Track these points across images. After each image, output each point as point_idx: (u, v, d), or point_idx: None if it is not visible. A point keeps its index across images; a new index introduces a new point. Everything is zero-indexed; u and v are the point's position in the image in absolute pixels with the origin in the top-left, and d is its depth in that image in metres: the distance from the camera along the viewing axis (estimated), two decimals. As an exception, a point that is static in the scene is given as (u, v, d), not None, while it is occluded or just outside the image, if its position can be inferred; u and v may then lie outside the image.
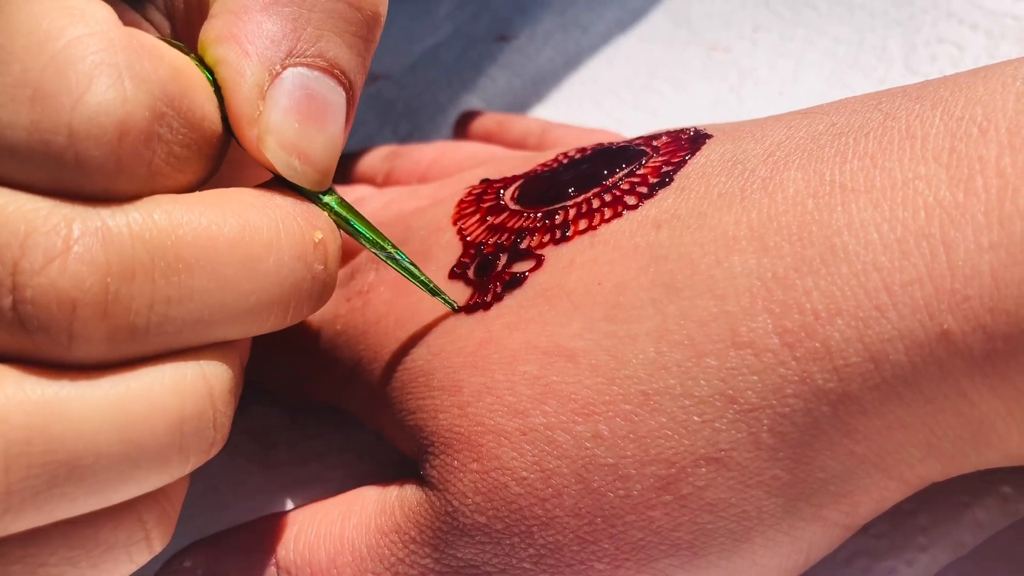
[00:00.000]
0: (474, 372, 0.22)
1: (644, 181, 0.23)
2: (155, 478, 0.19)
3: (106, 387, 0.18)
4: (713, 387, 0.19)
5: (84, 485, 0.18)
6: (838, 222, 0.19)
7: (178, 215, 0.18)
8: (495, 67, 0.44)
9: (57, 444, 0.17)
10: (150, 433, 0.18)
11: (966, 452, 0.18)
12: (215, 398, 0.20)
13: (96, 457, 0.18)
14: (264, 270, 0.19)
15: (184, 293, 0.18)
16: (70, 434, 0.17)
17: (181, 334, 0.19)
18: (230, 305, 0.19)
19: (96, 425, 0.18)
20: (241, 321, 0.20)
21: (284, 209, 0.20)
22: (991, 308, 0.17)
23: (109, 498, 0.18)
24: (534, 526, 0.20)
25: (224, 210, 0.19)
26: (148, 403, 0.18)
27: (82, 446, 0.17)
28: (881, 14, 0.38)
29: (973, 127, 0.18)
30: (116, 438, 0.18)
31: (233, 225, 0.19)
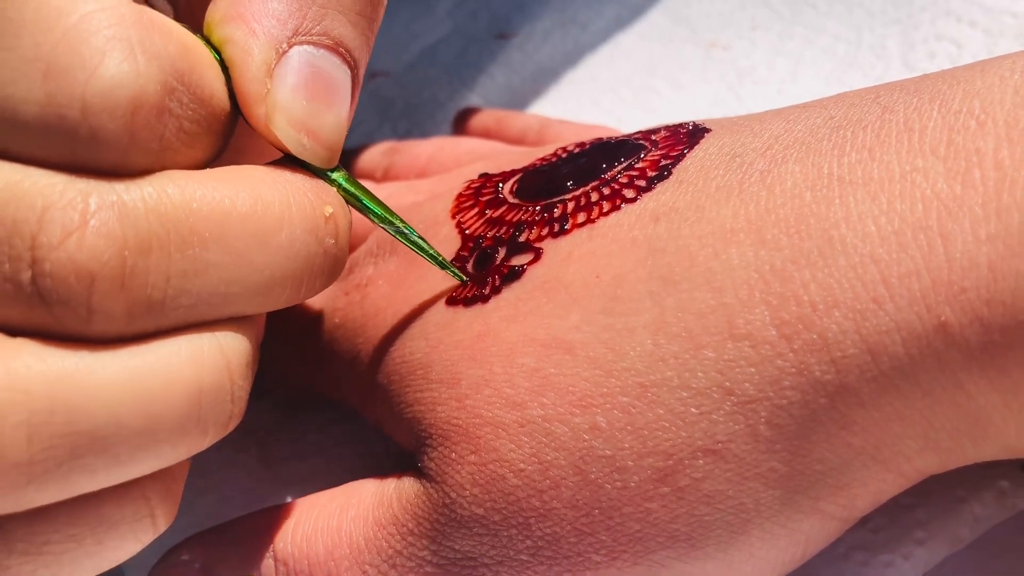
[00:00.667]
0: (472, 365, 0.22)
1: (642, 175, 0.23)
2: (174, 451, 0.19)
3: (125, 359, 0.18)
4: (711, 379, 0.19)
5: (104, 456, 0.18)
6: (836, 215, 0.19)
7: (191, 190, 0.19)
8: (494, 65, 0.44)
9: (79, 415, 0.17)
10: (169, 404, 0.19)
11: (963, 444, 0.19)
12: (232, 371, 0.20)
13: (117, 428, 0.18)
14: (277, 244, 0.20)
15: (199, 267, 0.19)
16: (91, 405, 0.18)
17: (197, 307, 0.19)
18: (244, 279, 0.20)
19: (116, 396, 0.18)
20: (256, 295, 0.20)
21: (294, 185, 0.21)
22: (988, 300, 0.17)
23: (129, 471, 0.19)
24: (531, 518, 0.20)
25: (236, 185, 0.20)
26: (166, 375, 0.19)
27: (103, 417, 0.18)
28: (880, 12, 0.38)
29: (971, 120, 0.18)
30: (136, 409, 0.18)
31: (245, 199, 0.19)
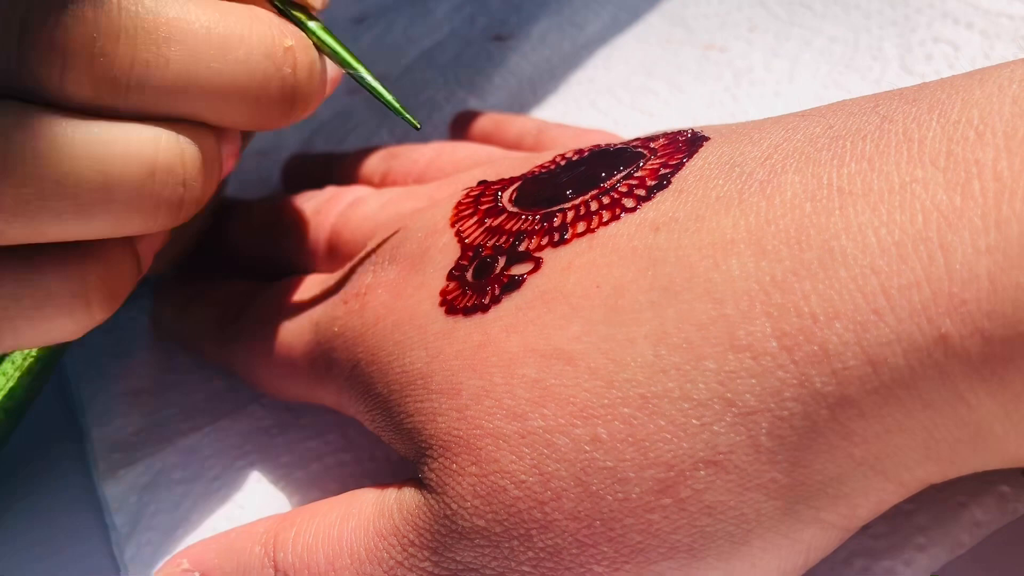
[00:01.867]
0: (472, 375, 0.22)
1: (642, 184, 0.23)
2: (128, 218, 0.23)
3: (91, 127, 0.22)
4: (712, 390, 0.19)
5: (66, 202, 0.22)
6: (836, 226, 0.19)
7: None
8: (491, 67, 0.44)
9: (47, 163, 0.21)
10: (125, 170, 0.22)
11: (964, 455, 0.19)
12: (186, 163, 0.23)
13: (77, 180, 0.22)
14: (234, 58, 0.23)
15: (161, 61, 0.22)
16: (58, 156, 0.21)
17: (157, 98, 0.23)
18: (202, 81, 0.23)
19: (80, 152, 0.22)
20: (212, 100, 0.23)
21: (259, 17, 0.24)
22: (988, 312, 0.17)
23: (88, 226, 0.22)
24: (533, 529, 0.20)
25: (204, 4, 0.23)
26: (125, 146, 0.22)
27: (66, 168, 0.21)
28: (877, 14, 0.38)
29: (970, 131, 0.18)
30: (95, 167, 0.22)
31: (210, 15, 0.23)
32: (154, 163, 0.23)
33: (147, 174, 0.23)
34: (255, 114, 0.24)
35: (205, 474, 0.31)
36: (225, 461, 0.31)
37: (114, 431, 0.33)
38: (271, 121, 0.25)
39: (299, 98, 0.25)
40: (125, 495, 0.31)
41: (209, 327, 0.32)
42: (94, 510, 0.31)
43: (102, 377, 0.34)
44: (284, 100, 0.25)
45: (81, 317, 0.24)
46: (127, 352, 0.35)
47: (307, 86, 0.25)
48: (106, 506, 0.31)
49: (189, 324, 0.33)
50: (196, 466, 0.31)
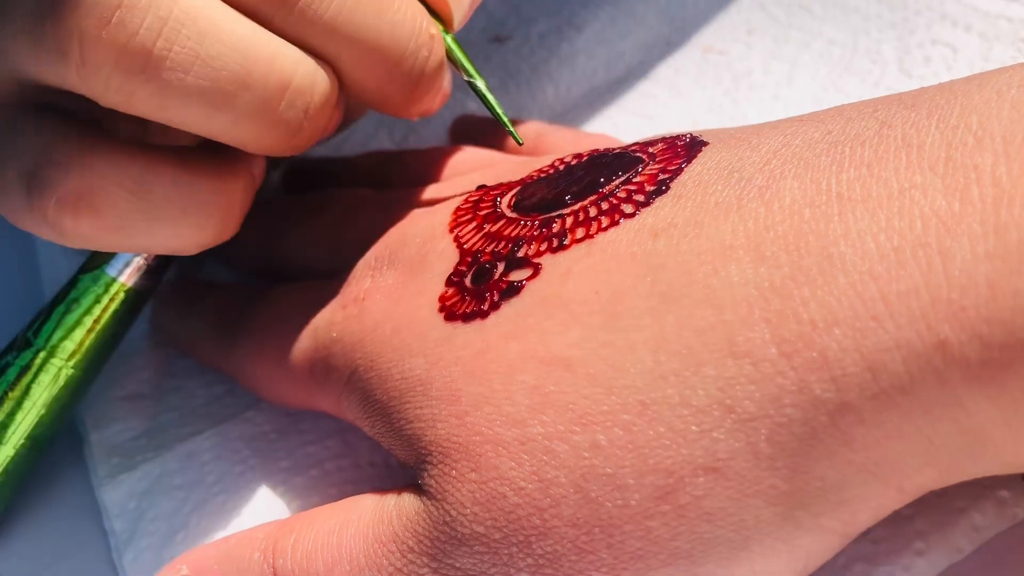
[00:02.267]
0: (472, 381, 0.22)
1: (641, 189, 0.23)
2: (246, 124, 0.24)
3: (250, 25, 0.24)
4: (711, 396, 0.19)
5: (201, 82, 0.23)
6: (835, 232, 0.19)
7: None
8: (489, 68, 0.44)
9: (199, 37, 0.22)
10: (264, 74, 0.23)
11: (963, 461, 0.19)
12: (315, 93, 0.25)
13: (221, 65, 0.23)
14: (389, 19, 0.25)
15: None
16: (212, 36, 0.23)
17: (314, 28, 0.24)
18: (355, 26, 0.25)
19: (234, 42, 0.23)
20: (355, 49, 0.25)
21: (418, 4, 0.26)
22: (987, 318, 0.17)
23: (207, 116, 0.23)
24: (532, 536, 0.20)
25: None
26: (272, 53, 0.24)
27: (216, 50, 0.23)
28: (875, 16, 0.38)
29: (969, 136, 0.18)
30: (241, 61, 0.23)
31: None
32: (290, 81, 0.24)
33: (280, 87, 0.24)
34: (382, 80, 0.26)
35: (204, 479, 0.31)
36: (224, 467, 0.31)
37: (113, 436, 0.33)
38: (393, 95, 0.27)
39: (423, 84, 0.27)
40: (124, 500, 0.31)
41: (208, 332, 0.32)
42: (93, 515, 0.31)
43: (101, 381, 0.34)
44: (411, 80, 0.27)
45: (215, 230, 0.26)
46: (126, 355, 0.35)
47: (432, 77, 0.27)
48: (105, 511, 0.31)
49: (188, 329, 0.33)
50: (195, 471, 0.31)
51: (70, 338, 0.29)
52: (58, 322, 0.29)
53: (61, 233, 0.24)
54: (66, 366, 0.29)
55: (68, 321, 0.29)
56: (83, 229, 0.24)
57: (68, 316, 0.29)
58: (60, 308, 0.29)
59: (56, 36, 0.22)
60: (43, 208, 0.24)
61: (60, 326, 0.29)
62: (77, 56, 0.22)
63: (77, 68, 0.22)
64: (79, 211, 0.24)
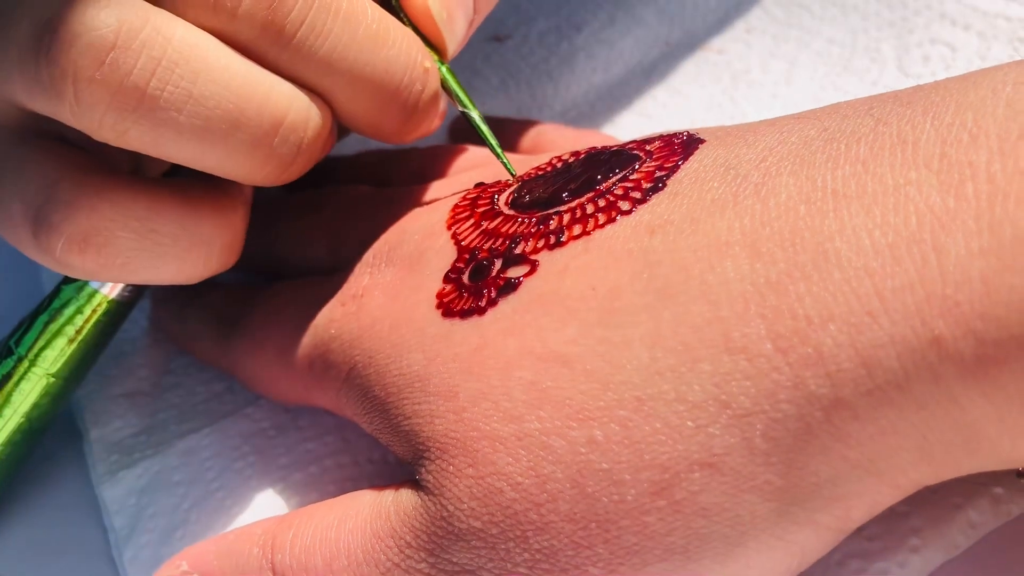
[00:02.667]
0: (469, 377, 0.22)
1: (638, 186, 0.23)
2: (244, 156, 0.24)
3: (244, 63, 0.24)
4: (707, 392, 0.19)
5: (195, 120, 0.23)
6: (830, 228, 0.19)
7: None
8: (489, 67, 0.44)
9: (192, 77, 0.23)
10: (258, 112, 0.24)
11: (958, 457, 0.19)
12: (308, 128, 0.25)
13: (214, 104, 0.23)
14: (383, 55, 0.26)
15: (326, 31, 0.24)
16: (205, 75, 0.23)
17: (309, 63, 0.25)
18: (350, 62, 0.25)
19: (226, 80, 0.23)
20: (350, 84, 0.25)
21: (410, 33, 0.27)
22: (982, 313, 0.17)
23: (201, 152, 0.24)
24: (529, 531, 0.21)
25: (374, 6, 0.26)
26: (267, 91, 0.24)
27: (208, 90, 0.23)
28: (874, 15, 0.38)
29: (963, 133, 0.18)
30: (234, 99, 0.23)
31: (377, 13, 0.26)
32: (284, 118, 0.24)
33: (274, 125, 0.24)
34: (377, 115, 0.27)
35: (204, 476, 0.31)
36: (223, 463, 0.31)
37: (112, 433, 0.33)
38: (386, 127, 0.27)
39: (416, 116, 0.27)
40: (124, 497, 0.31)
41: (207, 329, 0.32)
42: (93, 512, 0.31)
43: (100, 378, 0.34)
44: (405, 111, 0.27)
45: (219, 262, 0.26)
46: (125, 354, 0.35)
47: (426, 110, 0.28)
48: (105, 508, 0.31)
49: (187, 326, 0.34)
50: (195, 468, 0.31)
51: (51, 347, 0.29)
52: (40, 331, 0.29)
53: (68, 269, 0.25)
54: (47, 375, 0.29)
55: (50, 331, 0.29)
56: (89, 266, 0.24)
57: (50, 326, 0.29)
58: (43, 317, 0.29)
59: (51, 75, 0.22)
60: (50, 247, 0.24)
61: (42, 335, 0.29)
62: (71, 96, 0.22)
63: (71, 107, 0.22)
64: (85, 251, 0.24)
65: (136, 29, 0.22)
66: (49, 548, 0.31)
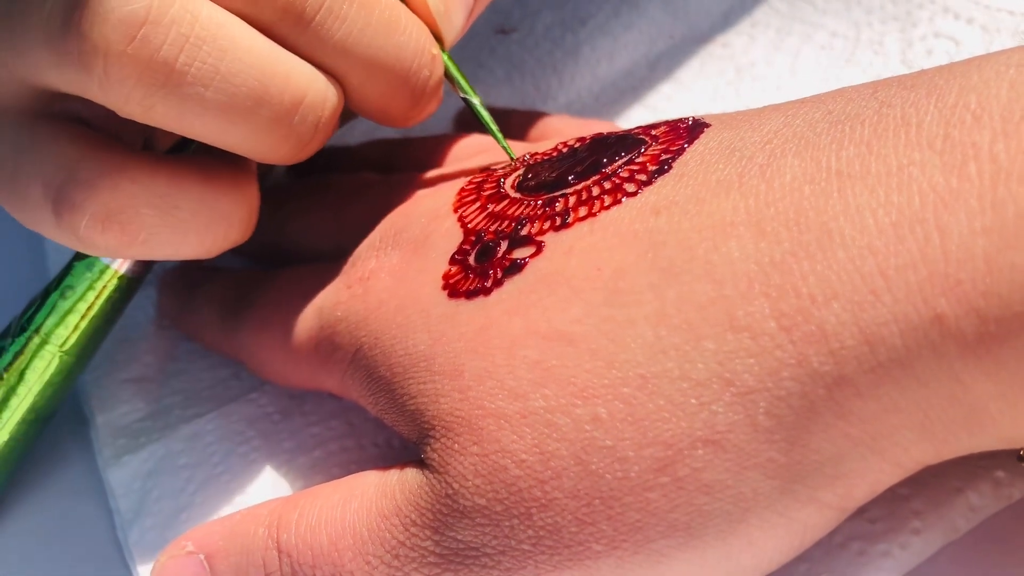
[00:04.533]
0: (475, 356, 0.22)
1: (643, 169, 0.23)
2: (266, 134, 0.25)
3: (268, 43, 0.25)
4: (711, 370, 0.19)
5: (220, 97, 0.23)
6: (834, 207, 0.19)
7: None
8: (495, 60, 0.44)
9: (220, 55, 0.23)
10: (280, 90, 0.24)
11: (959, 435, 0.19)
12: (326, 107, 0.26)
13: (241, 81, 0.24)
14: (395, 40, 0.26)
15: (343, 15, 0.25)
16: (232, 54, 0.23)
17: (326, 46, 0.25)
18: (364, 46, 0.26)
19: (252, 59, 0.24)
20: (363, 67, 0.26)
21: (420, 23, 0.28)
22: (984, 292, 0.17)
23: (225, 129, 0.24)
24: (533, 508, 0.21)
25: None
26: (288, 70, 0.25)
27: (235, 67, 0.24)
28: (878, 9, 0.38)
29: (967, 114, 0.18)
30: (259, 77, 0.24)
31: (390, 2, 0.26)
32: (304, 96, 0.25)
33: (295, 103, 0.25)
34: (387, 98, 0.27)
35: (209, 460, 0.31)
36: (228, 447, 0.31)
37: (118, 417, 0.33)
38: (394, 110, 0.28)
39: (423, 101, 0.28)
40: (130, 480, 0.31)
41: (213, 314, 0.32)
42: (99, 495, 0.32)
43: (107, 364, 0.34)
44: (413, 96, 0.28)
45: (237, 235, 0.27)
46: (131, 339, 0.35)
47: (432, 93, 0.28)
48: (110, 491, 0.31)
49: (193, 311, 0.34)
50: (200, 452, 0.31)
51: (64, 324, 0.29)
52: (52, 308, 0.30)
53: (90, 247, 0.25)
54: (60, 352, 0.30)
55: (62, 308, 0.29)
56: (112, 244, 0.25)
57: (62, 303, 0.29)
58: (55, 295, 0.30)
59: (81, 51, 0.22)
60: (73, 226, 0.24)
61: (54, 312, 0.29)
62: (101, 70, 0.22)
63: (100, 81, 0.23)
64: (108, 228, 0.25)
65: (167, 6, 0.22)
66: (56, 531, 0.31)
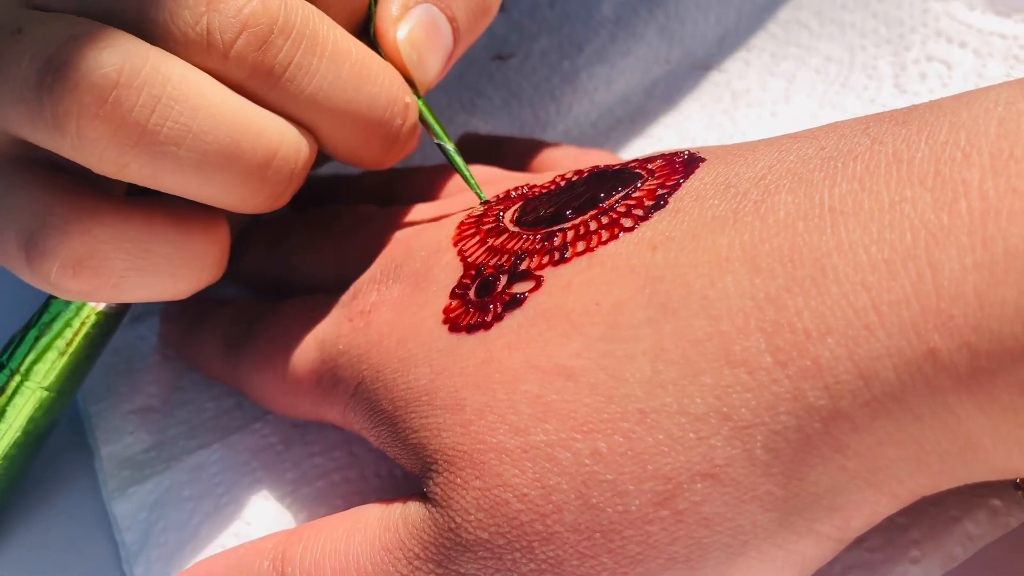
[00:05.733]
0: (476, 391, 0.22)
1: (640, 204, 0.23)
2: (240, 187, 0.25)
3: (239, 99, 0.25)
4: (708, 405, 0.20)
5: (193, 155, 0.24)
6: (828, 244, 0.19)
7: (329, 26, 0.26)
8: (492, 86, 0.45)
9: (191, 114, 0.23)
10: (253, 145, 0.25)
11: (954, 467, 0.19)
12: (299, 159, 0.26)
13: (212, 139, 0.24)
14: (367, 91, 0.27)
15: (312, 70, 0.25)
16: (204, 113, 0.24)
17: (296, 100, 0.26)
18: (335, 99, 0.26)
19: (224, 116, 0.24)
20: (336, 114, 0.26)
21: (392, 69, 0.28)
22: (975, 327, 0.17)
23: (199, 184, 0.24)
24: (535, 541, 0.21)
25: (359, 44, 0.27)
26: (261, 125, 0.25)
27: (207, 126, 0.24)
28: (871, 33, 0.38)
29: (957, 151, 0.19)
30: (231, 134, 0.24)
31: (362, 52, 0.27)
32: (277, 151, 0.25)
33: (268, 157, 0.25)
34: (358, 145, 0.28)
35: (213, 491, 0.31)
36: (233, 478, 0.31)
37: (123, 449, 0.33)
38: (367, 157, 0.29)
39: (396, 148, 0.29)
40: (135, 512, 0.31)
41: (216, 346, 0.33)
42: (104, 527, 0.32)
43: (111, 395, 0.35)
44: (385, 143, 0.28)
45: (208, 277, 0.27)
46: (136, 370, 0.35)
47: (405, 141, 0.29)
48: (115, 524, 0.31)
49: (197, 343, 0.34)
50: (204, 483, 0.31)
51: (43, 361, 0.30)
52: (31, 345, 0.30)
53: (63, 292, 0.25)
54: (40, 389, 0.30)
55: (41, 345, 0.30)
56: (84, 288, 0.25)
57: (41, 340, 0.30)
58: (33, 331, 0.30)
59: (54, 112, 0.23)
60: (44, 272, 0.25)
61: (33, 349, 0.30)
62: (74, 132, 0.23)
63: (73, 142, 0.23)
64: (79, 274, 0.25)
65: (138, 68, 0.23)
66: (60, 564, 0.31)
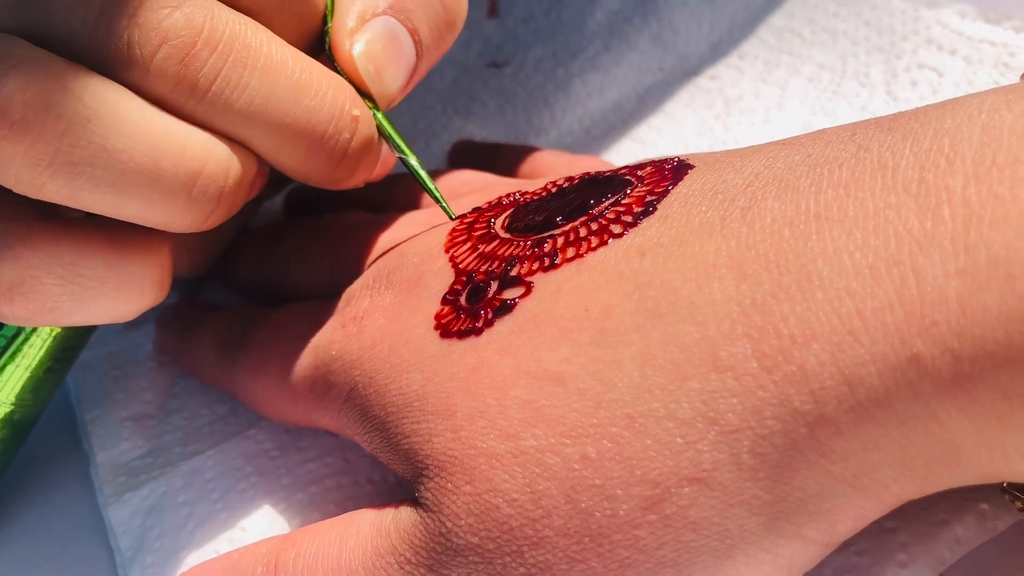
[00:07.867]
0: (467, 397, 0.22)
1: (629, 210, 0.24)
2: (163, 207, 0.24)
3: (159, 115, 0.24)
4: (695, 409, 0.20)
5: (110, 175, 0.23)
6: (813, 250, 0.19)
7: (264, 38, 0.25)
8: (487, 93, 0.45)
9: (105, 133, 0.23)
10: (174, 164, 0.24)
11: (938, 471, 0.19)
12: (228, 178, 0.25)
13: (129, 158, 0.23)
14: (305, 105, 0.25)
15: (242, 84, 0.24)
16: (118, 130, 0.23)
17: (225, 115, 0.24)
18: (269, 114, 0.25)
19: (141, 134, 0.23)
20: (272, 132, 0.25)
21: (341, 83, 0.27)
22: (958, 332, 0.18)
23: (118, 204, 0.23)
24: (524, 546, 0.21)
25: (299, 57, 0.26)
26: (183, 143, 0.24)
27: (123, 144, 0.23)
28: (863, 40, 0.38)
29: (940, 158, 0.19)
30: (150, 153, 0.23)
31: (300, 63, 0.25)
32: (202, 169, 0.24)
33: (191, 176, 0.24)
34: (303, 163, 0.26)
35: (208, 496, 0.31)
36: (227, 484, 0.32)
37: (118, 455, 0.33)
38: (315, 174, 0.27)
39: (346, 164, 0.27)
40: (130, 518, 0.31)
41: (210, 352, 0.33)
42: (99, 533, 0.32)
43: (106, 402, 0.35)
44: (332, 160, 0.27)
45: (150, 298, 0.26)
46: (130, 377, 0.36)
47: (357, 156, 0.27)
48: (111, 530, 0.31)
49: (191, 349, 0.34)
50: (199, 489, 0.32)
51: (5, 378, 0.30)
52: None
53: (2, 317, 0.25)
54: (4, 404, 0.30)
55: (2, 361, 0.29)
56: (20, 314, 0.25)
57: (2, 356, 0.29)
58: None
59: None
60: None
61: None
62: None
63: None
64: (12, 300, 0.24)
65: (48, 88, 0.22)
66: (56, 569, 0.31)
